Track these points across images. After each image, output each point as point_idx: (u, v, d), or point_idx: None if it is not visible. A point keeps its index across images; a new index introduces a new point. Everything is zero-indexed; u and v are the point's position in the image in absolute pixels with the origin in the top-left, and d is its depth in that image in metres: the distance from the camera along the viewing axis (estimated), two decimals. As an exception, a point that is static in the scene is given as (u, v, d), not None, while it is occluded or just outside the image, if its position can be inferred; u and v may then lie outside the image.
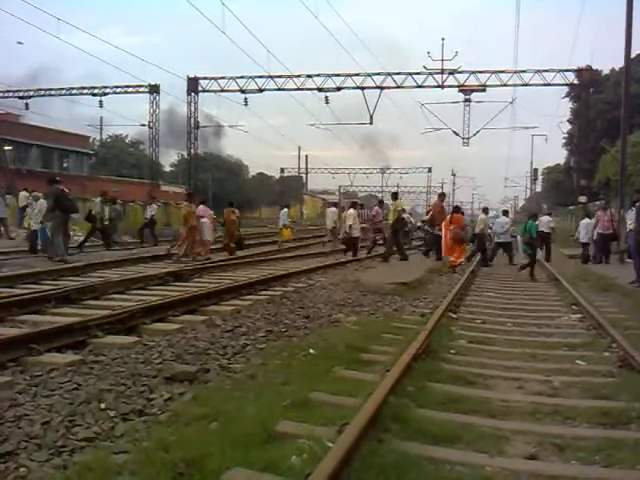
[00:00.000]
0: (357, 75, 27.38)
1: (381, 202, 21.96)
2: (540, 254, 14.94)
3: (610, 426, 3.49)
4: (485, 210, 17.94)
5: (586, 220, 16.47)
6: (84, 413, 3.34)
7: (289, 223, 21.82)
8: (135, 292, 8.14)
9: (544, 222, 16.43)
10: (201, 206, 15.16)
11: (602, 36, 63.17)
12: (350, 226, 15.69)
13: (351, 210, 16.48)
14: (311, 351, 4.99)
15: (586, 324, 6.99)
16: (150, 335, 5.43)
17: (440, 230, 14.74)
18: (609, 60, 63.60)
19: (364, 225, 16.38)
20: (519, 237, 14.89)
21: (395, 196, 17.06)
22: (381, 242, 18.20)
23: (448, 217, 14.44)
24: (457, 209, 15.81)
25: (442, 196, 18.67)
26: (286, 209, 22.81)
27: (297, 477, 2.45)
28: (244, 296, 8.11)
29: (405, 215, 24.02)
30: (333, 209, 19.30)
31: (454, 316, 7.31)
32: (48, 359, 4.43)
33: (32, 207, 14.92)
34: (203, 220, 14.53)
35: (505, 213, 17.98)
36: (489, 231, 16.45)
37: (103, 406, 3.47)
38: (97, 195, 18.34)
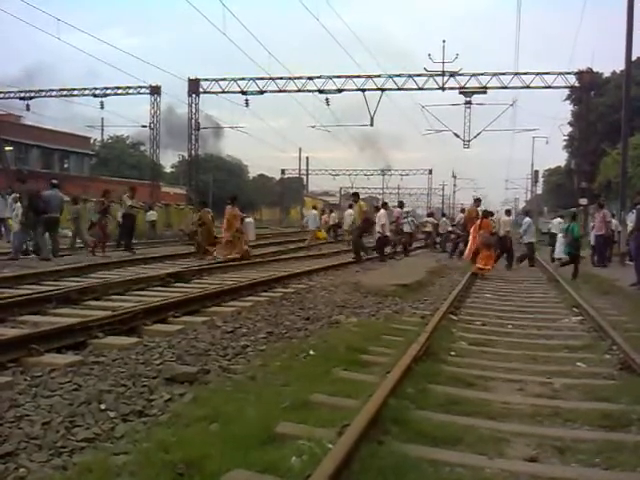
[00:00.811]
0: (358, 77, 27.42)
1: (401, 203, 22.03)
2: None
3: (610, 429, 3.48)
4: (508, 212, 17.68)
5: None
6: (84, 414, 3.34)
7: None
8: (136, 293, 8.14)
9: (555, 224, 16.42)
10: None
11: (603, 39, 63.42)
12: (383, 225, 15.87)
13: (382, 210, 16.68)
14: (311, 352, 4.98)
15: (587, 326, 6.98)
16: (151, 336, 5.43)
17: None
18: (610, 63, 63.80)
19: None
20: (560, 235, 14.79)
21: (357, 196, 17.19)
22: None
23: (478, 222, 13.94)
24: (487, 214, 14.92)
25: (478, 202, 17.68)
26: (315, 211, 22.53)
27: (297, 478, 2.45)
28: (245, 297, 8.11)
29: (408, 217, 24.17)
30: (350, 211, 19.47)
31: (454, 318, 7.30)
32: (48, 360, 4.42)
33: (11, 208, 14.84)
34: (248, 220, 14.55)
35: (526, 214, 17.83)
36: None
37: (103, 407, 3.47)
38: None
